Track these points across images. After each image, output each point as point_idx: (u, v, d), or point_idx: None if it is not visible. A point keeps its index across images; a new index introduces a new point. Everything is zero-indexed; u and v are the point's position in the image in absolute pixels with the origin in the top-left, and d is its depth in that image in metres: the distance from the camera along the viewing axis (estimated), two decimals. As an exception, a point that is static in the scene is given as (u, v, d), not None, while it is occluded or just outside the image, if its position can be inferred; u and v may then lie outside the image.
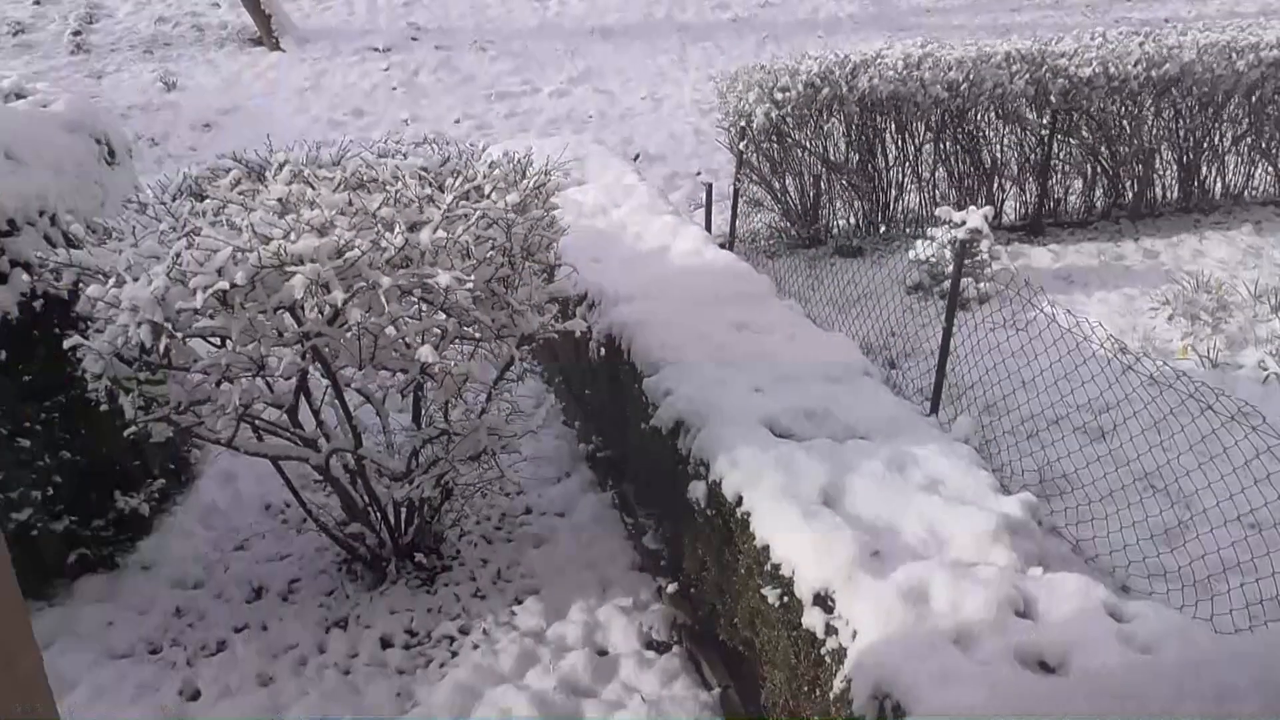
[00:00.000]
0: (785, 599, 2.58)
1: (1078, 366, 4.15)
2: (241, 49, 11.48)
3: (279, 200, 2.93)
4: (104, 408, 3.14)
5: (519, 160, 3.53)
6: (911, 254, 6.22)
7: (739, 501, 2.83)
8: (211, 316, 2.77)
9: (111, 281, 2.83)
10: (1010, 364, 4.42)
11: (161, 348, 2.78)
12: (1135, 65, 7.00)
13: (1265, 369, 5.25)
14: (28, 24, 11.73)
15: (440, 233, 2.83)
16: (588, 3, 13.08)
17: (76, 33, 11.54)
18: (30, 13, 12.00)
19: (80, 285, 3.03)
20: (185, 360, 3.05)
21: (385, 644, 3.49)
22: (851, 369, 3.53)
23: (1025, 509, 2.70)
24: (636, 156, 9.05)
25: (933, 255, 6.09)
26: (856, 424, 3.16)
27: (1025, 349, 4.33)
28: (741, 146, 6.83)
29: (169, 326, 2.73)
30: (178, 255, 2.71)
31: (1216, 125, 7.49)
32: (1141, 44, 7.24)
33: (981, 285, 5.99)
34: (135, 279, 2.78)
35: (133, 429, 3.16)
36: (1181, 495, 3.95)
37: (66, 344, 2.94)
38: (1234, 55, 7.15)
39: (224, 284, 2.65)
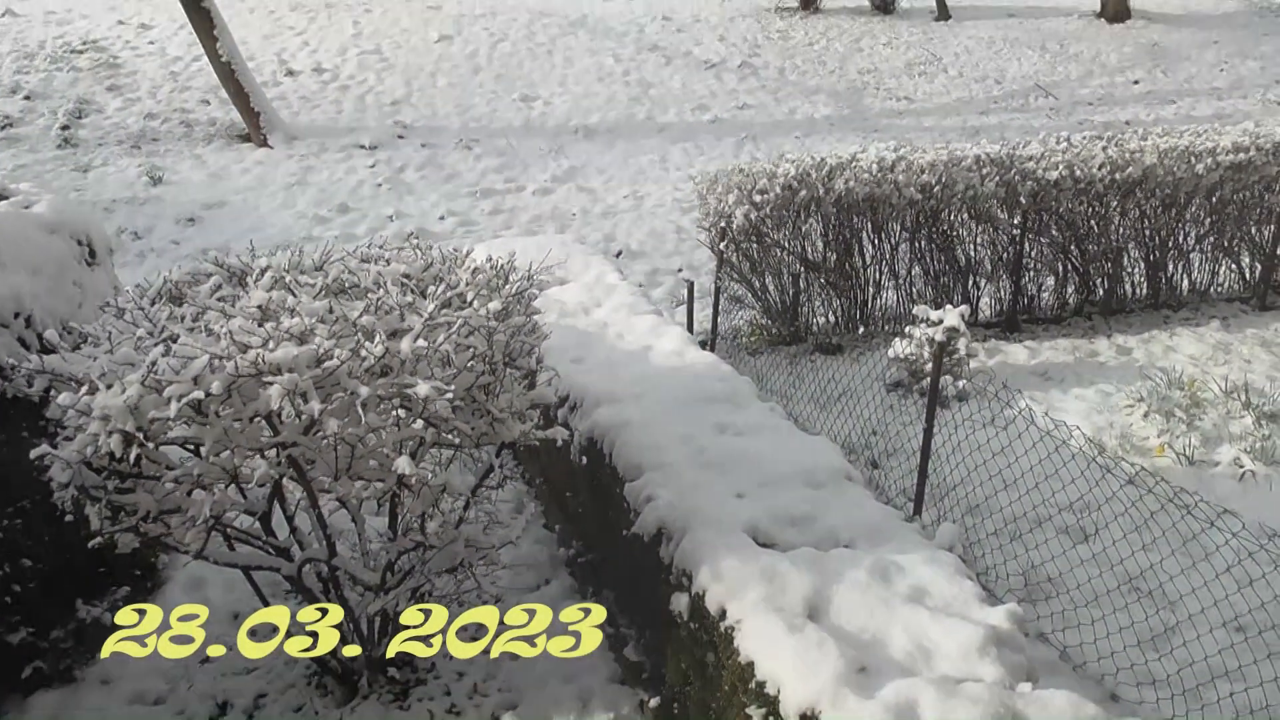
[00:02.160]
0: (770, 718, 2.50)
1: (1058, 469, 4.16)
2: (229, 145, 11.67)
3: (259, 307, 2.92)
4: (69, 517, 3.06)
5: (502, 266, 3.56)
6: (891, 352, 6.29)
7: (722, 615, 2.77)
8: (186, 425, 2.73)
9: (84, 389, 2.79)
10: (992, 464, 4.43)
11: (132, 457, 2.72)
12: (1100, 169, 7.25)
13: (1241, 466, 5.28)
14: (16, 118, 11.89)
15: (421, 341, 2.83)
16: (571, 103, 13.47)
17: (65, 127, 11.70)
18: (20, 107, 12.18)
19: (52, 391, 2.99)
20: (156, 469, 2.99)
21: (354, 764, 3.34)
22: (834, 473, 3.51)
23: (1011, 620, 2.67)
24: (619, 253, 9.20)
25: (911, 353, 6.15)
26: (840, 531, 3.14)
27: (1006, 450, 4.34)
28: (722, 246, 6.95)
29: (140, 436, 2.68)
30: (153, 363, 2.69)
31: (1180, 225, 7.73)
32: (1105, 148, 7.51)
33: (961, 383, 6.04)
34: (108, 387, 2.74)
35: (98, 540, 3.07)
36: (1166, 599, 3.91)
37: (34, 453, 2.87)
38: (1193, 159, 7.42)
39: (199, 393, 2.62)
